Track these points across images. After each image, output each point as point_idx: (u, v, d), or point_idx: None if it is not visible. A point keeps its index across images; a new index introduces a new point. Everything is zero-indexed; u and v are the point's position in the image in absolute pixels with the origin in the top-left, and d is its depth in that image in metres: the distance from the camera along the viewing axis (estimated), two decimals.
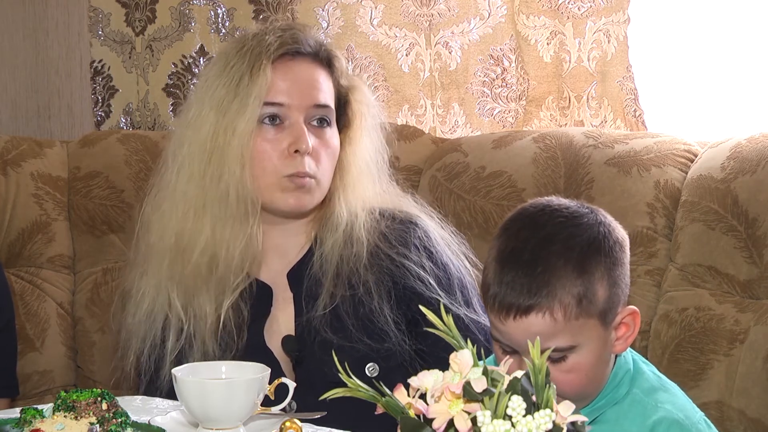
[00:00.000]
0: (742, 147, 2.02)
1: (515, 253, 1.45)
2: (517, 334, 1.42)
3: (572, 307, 1.41)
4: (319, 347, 1.79)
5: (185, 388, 1.48)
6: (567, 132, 2.25)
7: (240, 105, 1.80)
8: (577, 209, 1.48)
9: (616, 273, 1.45)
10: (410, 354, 1.81)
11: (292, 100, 1.82)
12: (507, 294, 1.42)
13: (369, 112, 1.91)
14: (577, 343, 1.42)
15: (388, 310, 1.80)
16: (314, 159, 1.81)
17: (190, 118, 1.86)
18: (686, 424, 1.46)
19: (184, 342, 1.82)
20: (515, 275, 1.43)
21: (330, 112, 1.86)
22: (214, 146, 1.81)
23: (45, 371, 2.52)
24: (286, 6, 2.70)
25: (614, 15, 2.37)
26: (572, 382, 1.44)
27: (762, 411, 1.86)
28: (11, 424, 1.44)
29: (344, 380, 1.09)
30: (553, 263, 1.42)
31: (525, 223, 1.48)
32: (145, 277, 1.86)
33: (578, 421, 1.05)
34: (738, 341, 1.92)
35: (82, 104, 3.05)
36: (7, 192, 2.56)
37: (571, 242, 1.44)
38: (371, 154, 1.90)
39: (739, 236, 1.96)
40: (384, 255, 1.83)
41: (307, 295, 1.83)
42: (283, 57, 1.84)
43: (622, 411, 1.48)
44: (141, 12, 2.89)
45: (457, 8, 2.55)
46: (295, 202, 1.81)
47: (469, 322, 1.82)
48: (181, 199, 1.83)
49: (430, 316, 1.09)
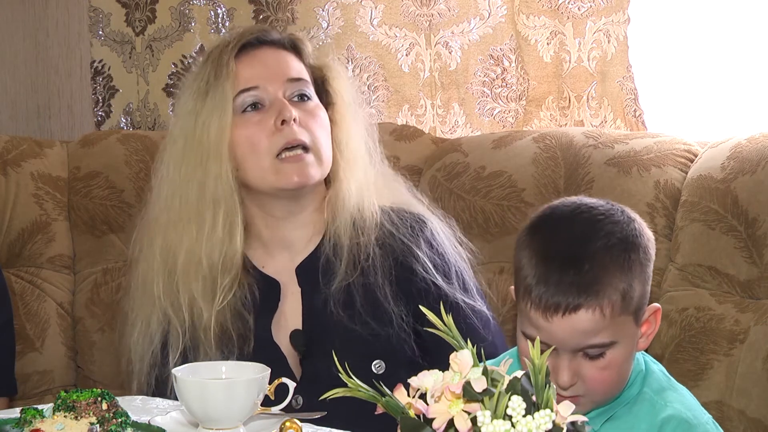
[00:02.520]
0: (742, 147, 2.02)
1: (558, 251, 1.45)
2: (562, 332, 1.43)
3: (617, 303, 1.43)
4: (327, 342, 1.78)
5: (185, 388, 1.48)
6: (567, 132, 2.25)
7: (212, 104, 1.81)
8: (609, 207, 1.50)
9: (648, 270, 1.48)
10: (412, 348, 1.81)
11: (265, 81, 1.82)
12: (555, 293, 1.42)
13: (349, 89, 1.91)
14: (617, 339, 1.44)
15: (389, 291, 1.80)
16: (304, 128, 1.81)
17: (170, 136, 1.88)
18: (694, 424, 1.47)
19: (185, 354, 1.82)
20: (562, 274, 1.43)
21: (307, 86, 1.86)
22: (188, 149, 1.82)
23: (45, 371, 2.52)
24: (286, 6, 2.70)
25: (614, 15, 2.37)
26: (605, 379, 1.45)
27: (762, 411, 1.87)
28: (11, 424, 1.44)
29: (345, 380, 1.09)
30: (599, 260, 1.43)
31: (561, 221, 1.49)
32: (137, 298, 1.87)
33: (578, 421, 1.05)
34: (738, 341, 1.92)
35: (82, 104, 3.05)
36: (7, 192, 2.55)
37: (612, 239, 1.45)
38: (361, 131, 1.90)
39: (739, 236, 1.96)
40: (387, 233, 1.83)
41: (315, 290, 1.82)
42: (245, 48, 1.85)
43: (632, 410, 1.49)
44: (141, 12, 2.89)
45: (457, 8, 2.54)
46: (298, 178, 1.80)
47: (465, 307, 1.82)
48: (164, 213, 1.85)
49: (430, 315, 1.09)
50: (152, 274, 1.84)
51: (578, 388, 1.45)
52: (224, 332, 1.80)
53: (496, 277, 2.18)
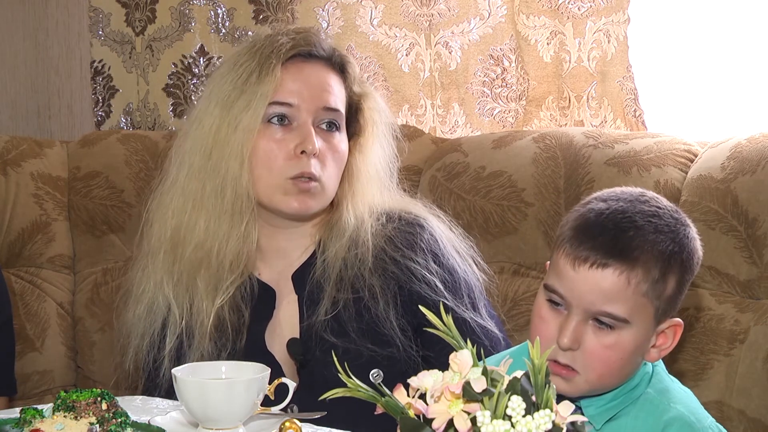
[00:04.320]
0: (742, 147, 2.02)
1: (607, 215, 1.46)
2: (584, 285, 1.43)
3: (645, 283, 1.43)
4: (324, 351, 1.78)
5: (185, 388, 1.48)
6: (567, 132, 2.25)
7: (245, 102, 1.79)
8: (676, 209, 1.50)
9: (685, 279, 1.48)
10: (416, 361, 1.80)
11: (301, 101, 1.80)
12: (591, 247, 1.43)
13: (382, 120, 1.90)
14: (630, 320, 1.44)
15: (393, 316, 1.79)
16: (320, 162, 1.80)
17: (195, 114, 1.86)
18: (697, 427, 1.46)
19: (181, 340, 1.82)
20: (603, 232, 1.44)
21: (340, 117, 1.84)
22: (215, 141, 1.80)
23: (45, 371, 2.52)
24: (286, 6, 2.70)
25: (614, 15, 2.37)
26: (605, 358, 1.44)
27: (762, 411, 1.87)
28: (11, 424, 1.44)
29: (344, 381, 1.09)
30: (644, 235, 1.44)
31: (625, 197, 1.49)
32: (145, 273, 1.86)
33: (578, 421, 1.05)
34: (738, 341, 1.92)
35: (82, 104, 3.06)
36: (7, 192, 2.56)
37: (665, 228, 1.46)
38: (381, 163, 1.89)
39: (739, 236, 1.96)
40: (389, 259, 1.81)
41: (309, 299, 1.83)
42: (294, 58, 1.83)
43: (634, 410, 1.49)
44: (141, 12, 2.89)
45: (457, 8, 2.54)
46: (298, 205, 1.80)
47: (475, 325, 1.80)
48: (180, 194, 1.83)
49: (430, 316, 1.09)
50: (160, 254, 1.84)
51: (576, 359, 1.44)
52: (221, 323, 1.81)
53: (496, 277, 2.18)
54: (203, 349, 1.79)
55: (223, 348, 1.79)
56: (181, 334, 1.82)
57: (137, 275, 1.88)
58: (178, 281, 1.82)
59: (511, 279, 2.23)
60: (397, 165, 1.92)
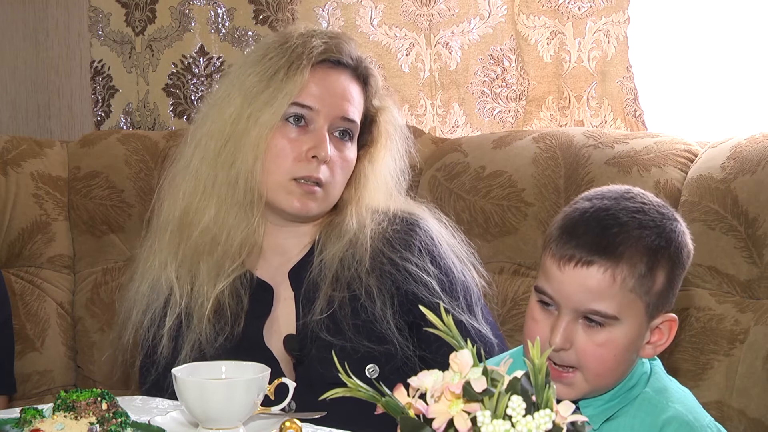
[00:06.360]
0: (742, 147, 2.02)
1: (591, 214, 1.46)
2: (570, 285, 1.43)
3: (632, 278, 1.43)
4: (320, 347, 1.79)
5: (185, 388, 1.48)
6: (567, 132, 2.25)
7: (268, 97, 1.81)
8: (663, 204, 1.51)
9: (675, 273, 1.48)
10: (413, 359, 1.81)
11: (321, 107, 1.82)
12: (575, 245, 1.44)
13: (396, 134, 1.92)
14: (620, 317, 1.44)
15: (390, 316, 1.79)
16: (330, 169, 1.82)
17: (216, 98, 1.87)
18: (696, 426, 1.46)
19: (180, 320, 1.83)
20: (587, 230, 1.44)
21: (354, 128, 1.86)
22: (233, 131, 1.82)
23: (45, 371, 2.52)
24: (286, 6, 2.70)
25: (614, 15, 2.37)
26: (599, 357, 1.45)
27: (762, 411, 1.87)
28: (11, 424, 1.44)
29: (344, 380, 1.09)
30: (628, 231, 1.44)
31: (610, 194, 1.50)
32: (153, 250, 1.88)
33: (578, 421, 1.05)
34: (738, 341, 1.93)
35: (82, 104, 3.05)
36: (7, 192, 2.56)
37: (650, 224, 1.46)
38: (391, 174, 1.91)
39: (739, 236, 1.96)
40: (387, 260, 1.82)
41: (305, 298, 1.83)
42: (323, 63, 1.85)
43: (632, 409, 1.49)
44: (141, 12, 2.89)
45: (457, 8, 2.55)
46: (300, 205, 1.81)
47: (470, 327, 1.81)
48: (193, 176, 1.84)
49: (430, 315, 1.09)
50: (167, 233, 1.85)
51: (571, 358, 1.44)
52: (220, 307, 1.82)
53: (496, 277, 2.18)
54: (201, 331, 1.81)
55: (221, 332, 1.81)
56: (180, 315, 1.83)
57: (145, 251, 1.90)
58: (182, 262, 1.84)
59: (511, 279, 2.23)
60: (408, 178, 1.93)
